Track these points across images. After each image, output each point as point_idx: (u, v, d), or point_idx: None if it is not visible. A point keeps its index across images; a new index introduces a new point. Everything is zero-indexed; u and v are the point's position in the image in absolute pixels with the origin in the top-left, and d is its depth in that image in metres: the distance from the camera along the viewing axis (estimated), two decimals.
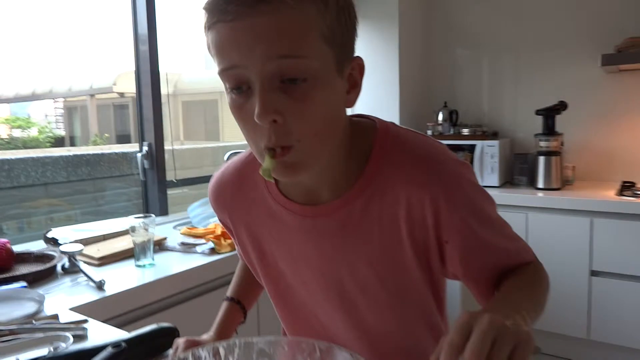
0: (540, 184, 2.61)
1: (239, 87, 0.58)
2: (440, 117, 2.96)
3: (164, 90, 2.14)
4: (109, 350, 0.76)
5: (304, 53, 0.56)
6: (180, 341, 0.83)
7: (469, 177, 0.68)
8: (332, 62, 0.59)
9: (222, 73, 0.58)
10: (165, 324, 0.88)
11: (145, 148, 2.08)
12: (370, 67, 3.13)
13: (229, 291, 0.94)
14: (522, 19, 2.91)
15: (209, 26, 0.57)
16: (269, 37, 0.54)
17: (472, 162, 2.72)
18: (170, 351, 0.85)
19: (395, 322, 0.76)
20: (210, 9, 0.57)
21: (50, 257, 1.43)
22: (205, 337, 0.86)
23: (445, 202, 0.65)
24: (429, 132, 2.93)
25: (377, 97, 2.93)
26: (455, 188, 0.66)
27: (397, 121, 2.87)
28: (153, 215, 1.48)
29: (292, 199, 0.72)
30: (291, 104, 0.57)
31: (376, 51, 2.95)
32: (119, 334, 1.01)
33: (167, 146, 2.19)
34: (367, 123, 0.71)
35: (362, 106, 0.60)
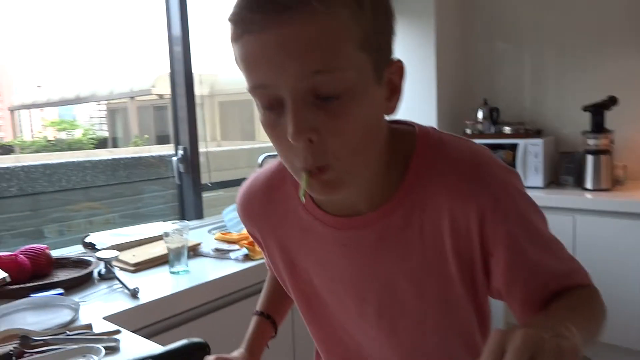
0: (589, 185, 2.47)
1: (270, 106, 0.54)
2: (480, 115, 2.85)
3: (197, 91, 2.15)
4: None
5: (338, 65, 0.51)
6: (210, 359, 0.80)
7: (518, 186, 0.63)
8: (370, 69, 0.54)
9: (252, 91, 0.55)
10: (196, 339, 0.86)
11: (180, 152, 2.09)
12: (406, 64, 3.04)
13: (259, 305, 0.91)
14: (567, 9, 2.76)
15: (236, 38, 0.53)
16: (300, 52, 0.50)
17: (514, 161, 2.61)
18: None
19: (435, 342, 0.71)
20: (235, 20, 0.53)
21: (87, 263, 1.44)
22: (235, 354, 0.84)
23: (492, 212, 0.60)
24: (468, 131, 2.83)
25: (413, 96, 2.85)
26: (502, 198, 0.60)
27: (434, 120, 2.83)
28: (187, 221, 1.47)
29: (326, 211, 0.68)
30: (327, 121, 0.53)
31: (412, 47, 2.88)
32: (151, 347, 1.00)
33: (202, 148, 2.20)
34: (405, 129, 0.66)
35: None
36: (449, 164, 0.62)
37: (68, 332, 0.99)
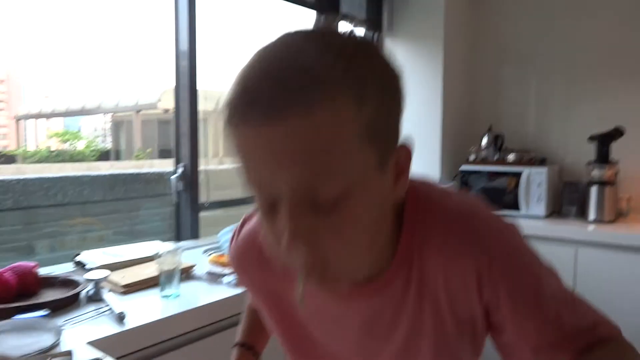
0: (592, 216, 2.43)
1: (264, 203, 0.51)
2: (485, 141, 2.83)
3: (202, 106, 2.14)
4: None
5: (339, 166, 0.47)
6: None
7: (516, 240, 0.59)
8: (373, 162, 0.50)
9: (247, 185, 0.51)
10: None
11: (180, 169, 2.07)
12: (412, 88, 3.06)
13: (239, 336, 0.88)
14: (575, 38, 2.76)
15: (230, 126, 0.48)
16: (298, 154, 0.45)
17: (516, 189, 2.58)
18: None
19: None
20: (231, 109, 0.48)
21: (75, 284, 1.41)
22: None
23: (488, 271, 0.57)
24: (472, 157, 2.81)
25: (419, 120, 2.84)
26: (497, 255, 0.57)
27: (438, 146, 2.81)
28: (181, 243, 1.44)
29: None
30: (326, 223, 0.49)
31: (419, 71, 2.87)
32: None
33: (203, 164, 2.18)
34: None
35: (402, 129, 0.52)
36: (437, 224, 0.59)
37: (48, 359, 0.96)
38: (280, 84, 0.45)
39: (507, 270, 0.57)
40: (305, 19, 2.64)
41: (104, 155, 5.18)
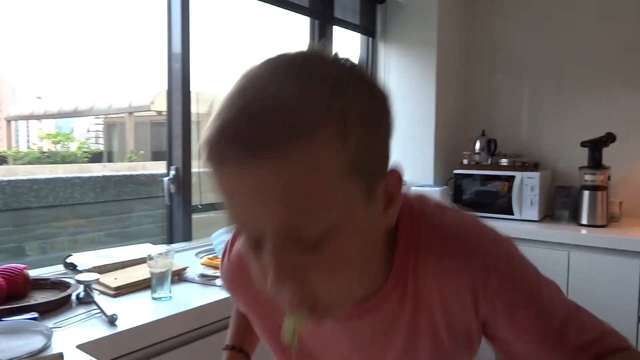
0: (584, 220, 2.45)
1: (250, 241, 0.50)
2: (478, 145, 2.84)
3: (195, 109, 2.13)
4: None
5: (322, 203, 0.45)
6: None
7: (511, 253, 0.58)
8: (360, 194, 0.48)
9: (230, 222, 0.50)
10: None
11: (172, 172, 2.06)
12: (406, 93, 3.07)
13: (228, 338, 0.87)
14: (567, 44, 2.78)
15: (211, 166, 0.47)
16: (280, 193, 0.44)
17: (510, 193, 2.59)
18: None
19: None
20: (211, 146, 0.46)
21: (66, 285, 1.39)
22: None
23: (483, 286, 0.56)
24: (465, 162, 2.82)
25: (412, 124, 2.84)
26: (492, 269, 0.56)
27: (431, 150, 2.81)
28: (173, 245, 1.43)
29: None
30: (313, 259, 0.47)
31: (412, 76, 2.88)
32: None
33: (196, 167, 2.17)
34: None
35: (396, 133, 0.50)
36: (433, 240, 0.58)
37: None
38: (258, 124, 0.43)
39: (503, 285, 0.56)
40: (299, 23, 2.63)
41: (96, 157, 5.14)
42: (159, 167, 2.43)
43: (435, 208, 0.61)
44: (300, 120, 0.43)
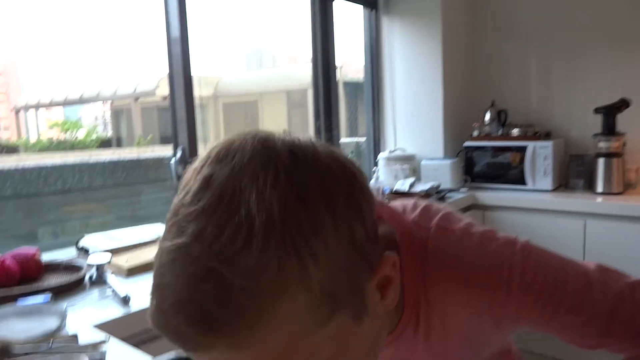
0: (600, 188, 2.40)
1: None
2: (488, 116, 2.79)
3: (200, 92, 2.10)
4: None
5: None
6: None
7: (527, 271, 0.55)
8: (346, 323, 0.43)
9: None
10: (184, 355, 0.81)
11: (178, 154, 2.04)
12: (412, 66, 3.02)
13: None
14: (575, 9, 2.69)
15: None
16: None
17: (522, 163, 2.55)
18: None
19: None
20: (164, 327, 0.39)
21: (78, 268, 1.39)
22: None
23: (502, 307, 0.56)
24: (476, 133, 2.77)
25: (420, 98, 2.79)
26: (511, 294, 0.55)
27: (440, 123, 2.77)
28: None
29: None
30: None
31: (417, 49, 2.82)
32: (139, 357, 0.95)
33: (202, 149, 2.16)
34: (386, 235, 0.54)
35: (403, 108, 0.46)
36: (440, 271, 0.55)
37: (52, 343, 0.94)
38: (194, 320, 0.37)
39: (522, 300, 0.54)
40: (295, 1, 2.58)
41: (105, 143, 5.16)
42: (167, 151, 2.42)
43: (435, 232, 0.57)
44: (248, 303, 0.37)
